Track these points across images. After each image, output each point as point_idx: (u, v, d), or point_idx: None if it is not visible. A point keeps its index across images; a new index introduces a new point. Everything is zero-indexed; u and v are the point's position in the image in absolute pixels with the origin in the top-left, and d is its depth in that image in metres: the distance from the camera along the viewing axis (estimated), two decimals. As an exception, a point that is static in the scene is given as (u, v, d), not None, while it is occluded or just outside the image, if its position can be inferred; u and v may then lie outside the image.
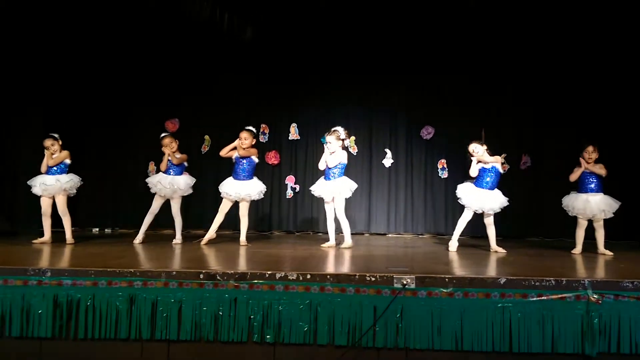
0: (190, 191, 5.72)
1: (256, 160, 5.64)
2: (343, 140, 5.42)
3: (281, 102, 7.76)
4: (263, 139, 7.71)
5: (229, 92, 7.69)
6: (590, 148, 5.23)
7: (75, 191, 5.49)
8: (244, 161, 5.53)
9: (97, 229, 7.40)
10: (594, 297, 3.19)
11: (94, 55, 7.40)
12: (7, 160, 6.72)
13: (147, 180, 5.80)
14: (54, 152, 5.39)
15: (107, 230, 7.37)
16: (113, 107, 7.58)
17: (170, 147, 5.60)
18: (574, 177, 5.30)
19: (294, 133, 7.73)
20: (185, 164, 5.74)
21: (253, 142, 5.58)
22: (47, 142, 5.39)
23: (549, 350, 3.19)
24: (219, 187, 5.63)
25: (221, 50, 7.37)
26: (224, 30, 6.77)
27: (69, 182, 5.37)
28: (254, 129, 5.67)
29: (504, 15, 6.59)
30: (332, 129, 5.48)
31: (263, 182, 5.82)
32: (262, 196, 5.75)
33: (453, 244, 5.25)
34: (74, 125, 7.15)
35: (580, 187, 5.27)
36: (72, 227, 5.52)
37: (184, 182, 5.61)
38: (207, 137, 7.63)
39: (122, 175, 7.60)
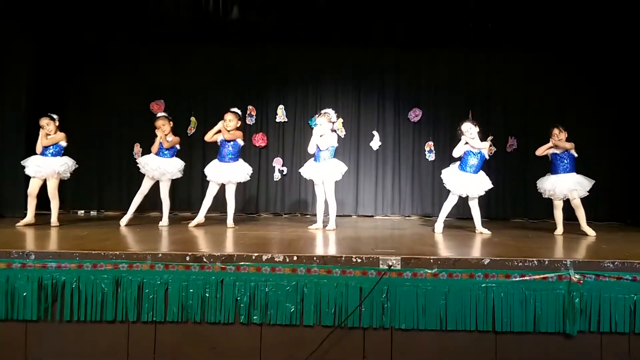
0: (180, 175, 5.65)
1: (241, 142, 5.60)
2: (334, 122, 5.40)
3: (268, 83, 7.69)
4: (250, 121, 7.66)
5: (215, 73, 7.60)
6: (556, 130, 5.29)
7: (69, 175, 5.42)
8: (229, 143, 5.48)
9: (83, 212, 7.34)
10: (575, 277, 3.24)
11: (73, 33, 7.24)
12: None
13: (137, 159, 5.74)
14: (49, 132, 5.30)
15: (93, 213, 7.31)
16: (94, 87, 7.46)
17: (162, 129, 5.52)
18: (539, 151, 5.39)
19: (281, 115, 7.69)
20: (177, 147, 5.65)
21: (238, 125, 5.53)
22: (43, 121, 5.30)
23: (532, 330, 3.26)
24: (205, 170, 5.59)
25: (207, 31, 7.26)
26: (209, 10, 6.68)
27: (63, 165, 5.30)
28: (239, 111, 5.60)
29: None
30: (323, 111, 5.45)
31: (250, 165, 5.80)
32: (249, 178, 5.74)
33: (439, 226, 5.29)
34: (56, 106, 7.03)
35: (552, 169, 5.35)
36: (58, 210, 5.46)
37: (173, 165, 5.53)
38: (193, 118, 7.55)
39: (108, 157, 7.52)
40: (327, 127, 5.33)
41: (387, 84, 7.71)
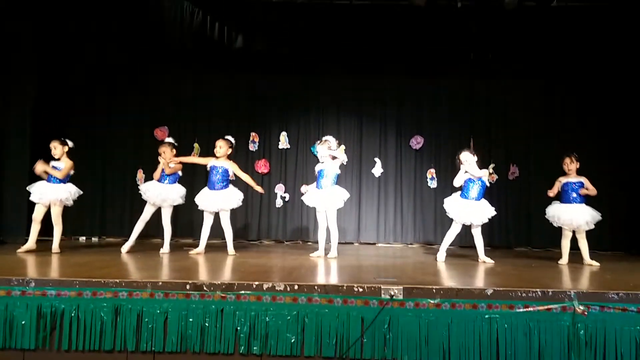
0: (181, 201, 5.64)
1: (231, 172, 5.57)
2: (334, 150, 5.42)
3: (271, 110, 7.77)
4: (253, 147, 7.71)
5: (218, 99, 7.69)
6: (567, 160, 5.27)
7: (72, 202, 5.40)
8: (219, 170, 5.46)
9: (84, 238, 7.32)
10: (580, 309, 3.20)
11: (79, 60, 7.36)
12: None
13: (139, 186, 5.75)
14: (55, 155, 5.32)
15: (94, 239, 7.29)
16: (99, 113, 7.54)
17: (164, 156, 5.53)
18: (552, 192, 5.33)
19: (283, 142, 7.74)
20: (180, 173, 5.67)
21: (229, 152, 5.53)
22: (52, 143, 5.33)
23: (536, 362, 3.20)
24: (196, 200, 5.53)
25: (211, 60, 7.37)
26: (214, 38, 6.79)
27: (66, 193, 5.28)
28: (231, 139, 5.61)
29: (494, 25, 6.64)
30: (323, 139, 5.49)
31: (252, 191, 5.81)
32: (241, 204, 5.66)
33: (441, 255, 5.26)
34: (59, 133, 7.09)
35: (563, 197, 5.31)
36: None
37: (174, 192, 5.53)
38: (196, 145, 7.61)
39: (110, 183, 7.54)
40: (327, 155, 5.36)
41: (389, 111, 7.78)
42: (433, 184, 7.62)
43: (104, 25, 6.66)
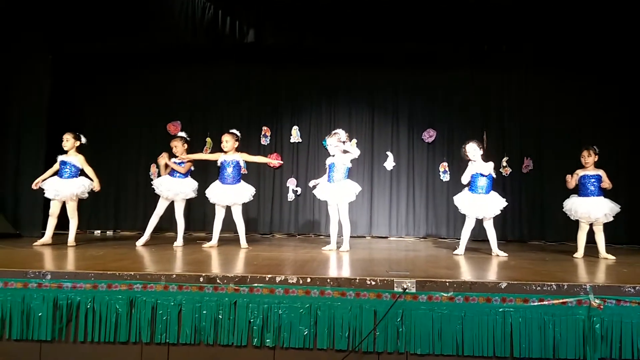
0: (194, 195, 5.67)
1: (242, 163, 5.57)
2: (344, 142, 5.39)
3: (283, 104, 7.77)
4: (265, 141, 7.73)
5: (230, 94, 7.71)
6: (585, 153, 5.20)
7: (86, 195, 5.45)
8: (231, 164, 5.46)
9: (99, 231, 7.41)
10: (595, 302, 3.17)
11: (91, 55, 7.40)
12: (9, 163, 6.70)
13: (153, 181, 5.79)
14: (65, 147, 5.37)
15: (109, 233, 7.38)
16: (113, 108, 7.60)
17: (176, 150, 5.57)
18: (571, 184, 5.27)
19: (295, 135, 7.74)
20: (192, 167, 5.69)
21: (236, 146, 5.52)
22: (65, 135, 5.40)
23: (550, 356, 3.17)
24: (207, 194, 5.53)
25: (222, 53, 7.38)
26: (225, 32, 6.78)
27: (80, 187, 5.33)
28: (237, 132, 5.59)
29: (510, 14, 6.53)
30: (333, 132, 5.47)
31: (264, 184, 5.83)
32: (252, 198, 5.66)
33: (460, 250, 5.22)
34: (75, 127, 7.16)
35: (581, 190, 5.24)
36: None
37: (186, 186, 5.57)
38: (208, 139, 7.64)
39: (124, 178, 7.61)
40: (337, 147, 5.34)
41: (401, 104, 7.74)
42: (445, 177, 7.58)
43: (117, 21, 6.68)
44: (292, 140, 7.75)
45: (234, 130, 5.59)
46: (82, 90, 7.54)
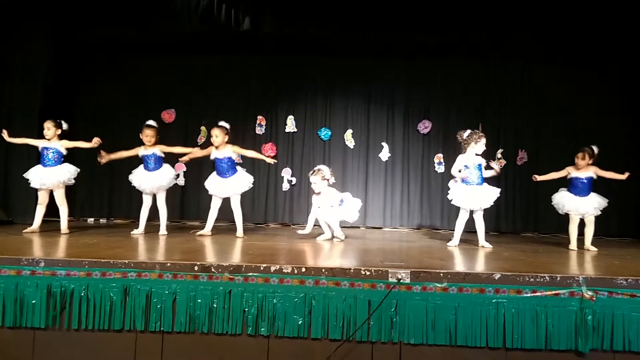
0: (173, 182, 5.56)
1: (235, 156, 5.50)
2: (328, 180, 5.28)
3: (278, 94, 7.73)
4: (259, 130, 7.70)
5: (225, 83, 7.66)
6: (580, 155, 5.16)
7: (73, 181, 5.37)
8: (223, 159, 5.40)
9: (92, 219, 7.38)
10: (587, 294, 3.19)
11: (85, 42, 7.32)
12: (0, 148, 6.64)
13: (130, 178, 5.60)
14: (46, 135, 5.23)
15: (102, 221, 7.35)
16: (106, 94, 7.54)
17: (147, 139, 5.40)
18: (551, 176, 5.29)
19: (290, 125, 7.71)
20: (162, 154, 5.49)
21: (226, 139, 5.40)
22: (46, 124, 5.24)
23: (543, 347, 3.20)
24: (206, 185, 5.49)
25: (217, 41, 7.32)
26: (221, 20, 6.72)
27: (66, 173, 5.25)
28: (226, 125, 5.46)
29: (509, 5, 6.51)
30: (316, 168, 5.33)
31: (259, 174, 5.80)
32: (252, 186, 5.64)
33: (454, 242, 5.21)
34: (67, 113, 7.09)
35: (570, 187, 5.27)
36: (68, 217, 5.46)
37: (163, 177, 5.42)
38: (203, 127, 7.60)
39: (118, 165, 7.53)
40: (321, 185, 5.25)
41: (396, 95, 7.72)
42: (440, 169, 7.59)
43: (111, 7, 6.60)
44: (287, 130, 7.72)
45: (223, 123, 5.44)
46: (75, 76, 7.46)
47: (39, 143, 5.30)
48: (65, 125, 5.35)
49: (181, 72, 7.64)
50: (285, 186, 7.69)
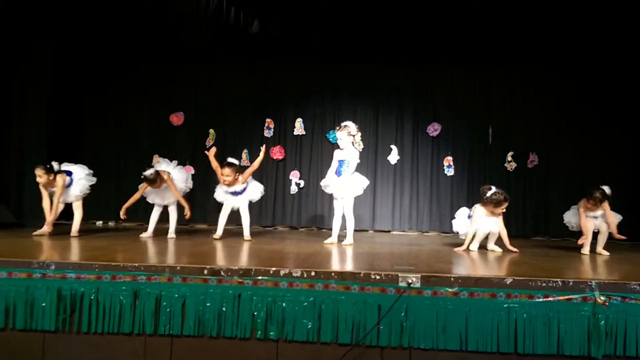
0: (183, 192, 5.59)
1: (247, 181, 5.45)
2: (354, 135, 5.29)
3: (286, 96, 7.74)
4: (268, 133, 7.70)
5: (234, 86, 7.67)
6: (591, 202, 5.04)
7: (89, 191, 5.46)
8: (239, 191, 5.41)
9: (101, 222, 7.40)
10: (600, 299, 3.15)
11: (94, 49, 7.37)
12: (13, 152, 6.69)
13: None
14: (39, 181, 5.13)
15: (111, 224, 7.37)
16: (115, 99, 7.58)
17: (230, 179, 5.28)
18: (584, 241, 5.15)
19: (299, 128, 7.71)
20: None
21: (237, 176, 5.31)
22: (37, 171, 5.07)
23: (555, 352, 3.16)
24: (215, 197, 5.51)
25: (226, 44, 7.33)
26: (230, 24, 6.73)
27: (82, 189, 5.38)
28: (235, 161, 5.35)
29: (511, 9, 6.47)
30: (343, 124, 5.28)
31: (267, 178, 5.79)
32: (263, 193, 5.66)
33: (463, 247, 5.14)
34: (77, 118, 7.16)
35: None
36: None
37: (171, 194, 5.46)
38: (211, 130, 7.62)
39: (125, 169, 7.60)
40: (347, 141, 5.24)
41: (405, 98, 7.70)
42: (450, 172, 7.55)
43: (119, 14, 6.63)
44: (295, 133, 7.72)
45: (232, 160, 5.34)
46: (84, 82, 7.51)
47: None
48: (56, 166, 5.23)
49: (190, 76, 7.66)
50: (294, 189, 7.68)
